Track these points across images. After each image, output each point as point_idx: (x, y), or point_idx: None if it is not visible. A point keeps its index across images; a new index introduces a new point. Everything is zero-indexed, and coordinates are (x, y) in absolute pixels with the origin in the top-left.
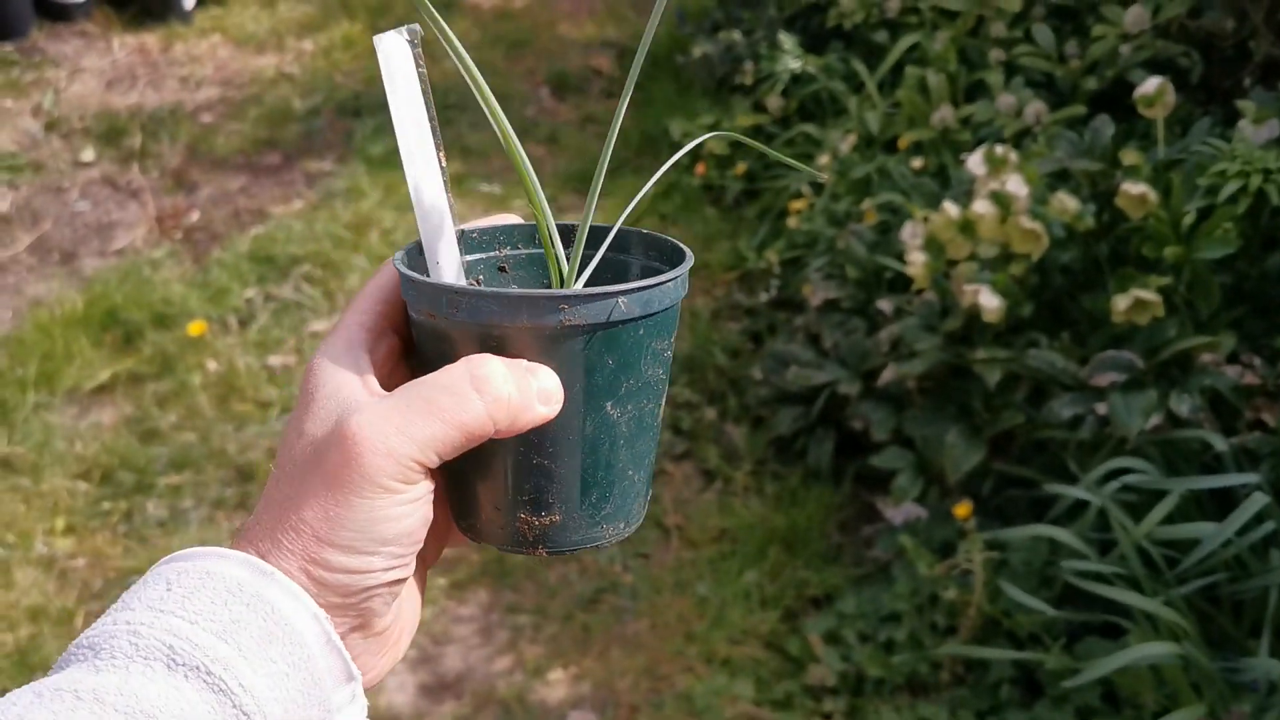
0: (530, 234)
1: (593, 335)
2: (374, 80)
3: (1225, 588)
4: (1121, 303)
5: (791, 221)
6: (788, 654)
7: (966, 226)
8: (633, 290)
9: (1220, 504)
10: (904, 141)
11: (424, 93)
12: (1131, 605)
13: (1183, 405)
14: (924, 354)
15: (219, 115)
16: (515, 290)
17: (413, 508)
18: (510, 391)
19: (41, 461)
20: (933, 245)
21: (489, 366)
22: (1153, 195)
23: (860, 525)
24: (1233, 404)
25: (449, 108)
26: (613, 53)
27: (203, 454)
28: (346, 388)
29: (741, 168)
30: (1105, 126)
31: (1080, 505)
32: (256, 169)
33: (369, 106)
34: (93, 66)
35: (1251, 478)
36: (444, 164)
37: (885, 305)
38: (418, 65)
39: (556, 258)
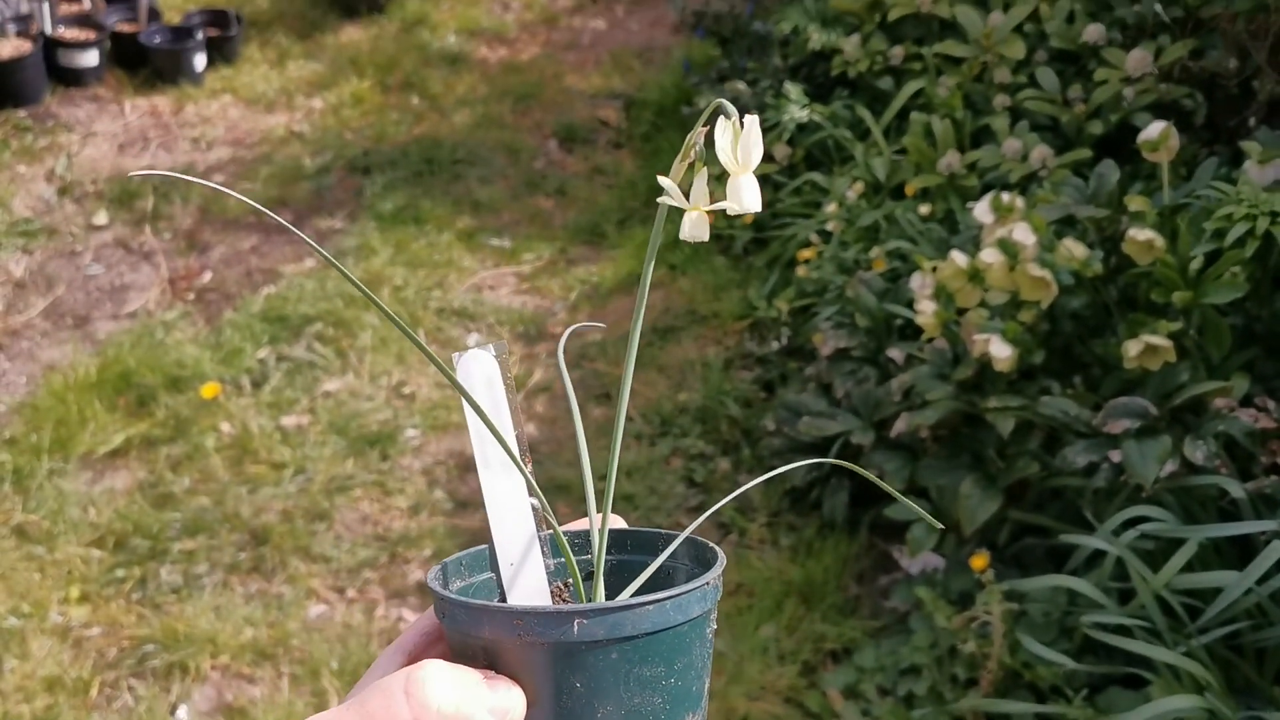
0: (618, 539)
1: (555, 655)
2: (383, 137)
3: (1248, 636)
4: (1132, 348)
5: (801, 270)
6: (807, 709)
7: (975, 275)
8: (595, 612)
9: (1240, 551)
10: (911, 188)
11: (511, 408)
12: (1153, 656)
13: (1197, 451)
14: (936, 403)
15: (230, 175)
16: (479, 602)
17: None
18: (443, 702)
19: (56, 529)
20: (942, 294)
21: (425, 671)
22: (1159, 240)
23: (877, 575)
24: (1248, 449)
25: (457, 163)
26: (619, 104)
27: (216, 518)
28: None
29: (750, 216)
30: (1110, 172)
31: (1098, 554)
32: (268, 228)
33: (378, 163)
34: (105, 130)
35: (1270, 524)
36: (530, 476)
37: (896, 354)
38: (504, 379)
39: (595, 560)
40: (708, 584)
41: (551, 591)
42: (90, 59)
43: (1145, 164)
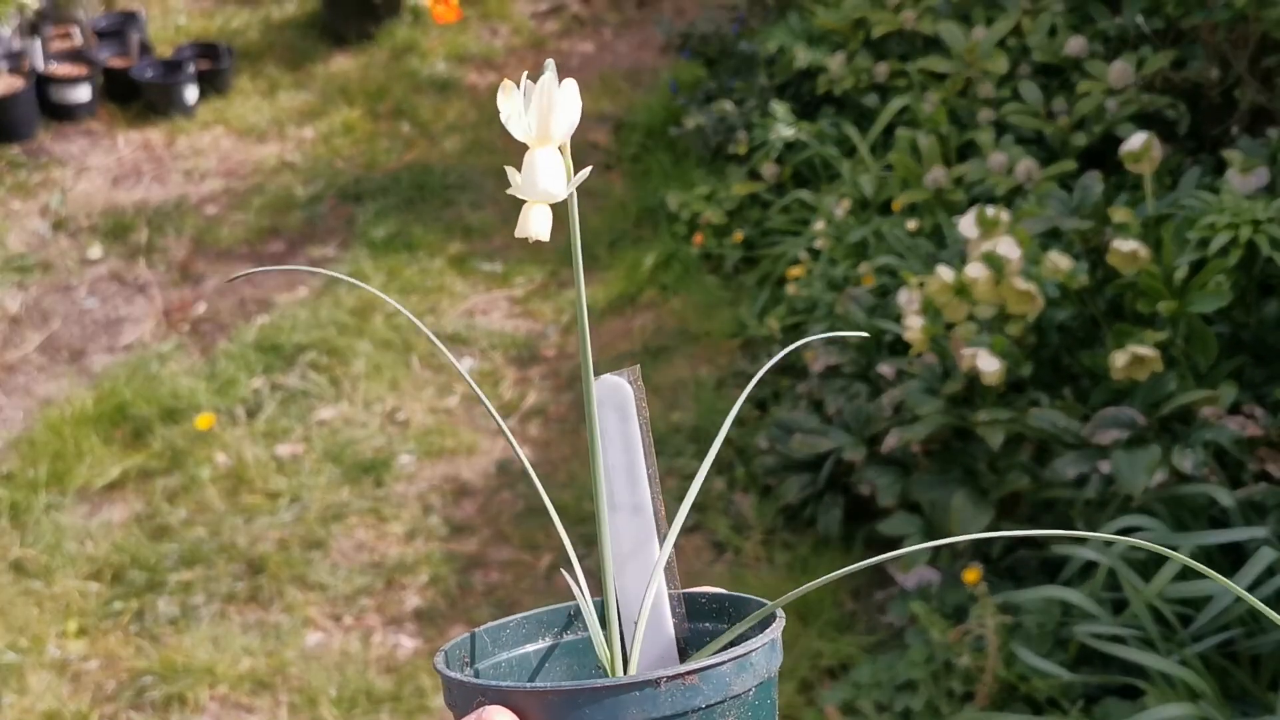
0: (718, 605)
1: None
2: (374, 164)
3: (1242, 643)
4: (1119, 359)
5: (791, 288)
6: None
7: (962, 290)
8: (549, 691)
9: (1230, 558)
10: (898, 204)
11: (644, 444)
12: (1147, 665)
13: (1186, 460)
14: (926, 418)
15: (223, 206)
16: (475, 680)
17: None
18: None
19: (53, 563)
20: (929, 309)
21: None
22: (1144, 251)
23: (873, 591)
24: (1236, 457)
25: (448, 188)
26: (608, 126)
27: (213, 548)
28: None
29: (739, 235)
30: (1094, 184)
31: (1091, 565)
32: (261, 258)
33: (369, 191)
34: (98, 164)
35: (1259, 531)
36: (662, 521)
37: (886, 369)
38: (639, 410)
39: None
40: (658, 683)
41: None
42: (82, 94)
43: (1129, 175)
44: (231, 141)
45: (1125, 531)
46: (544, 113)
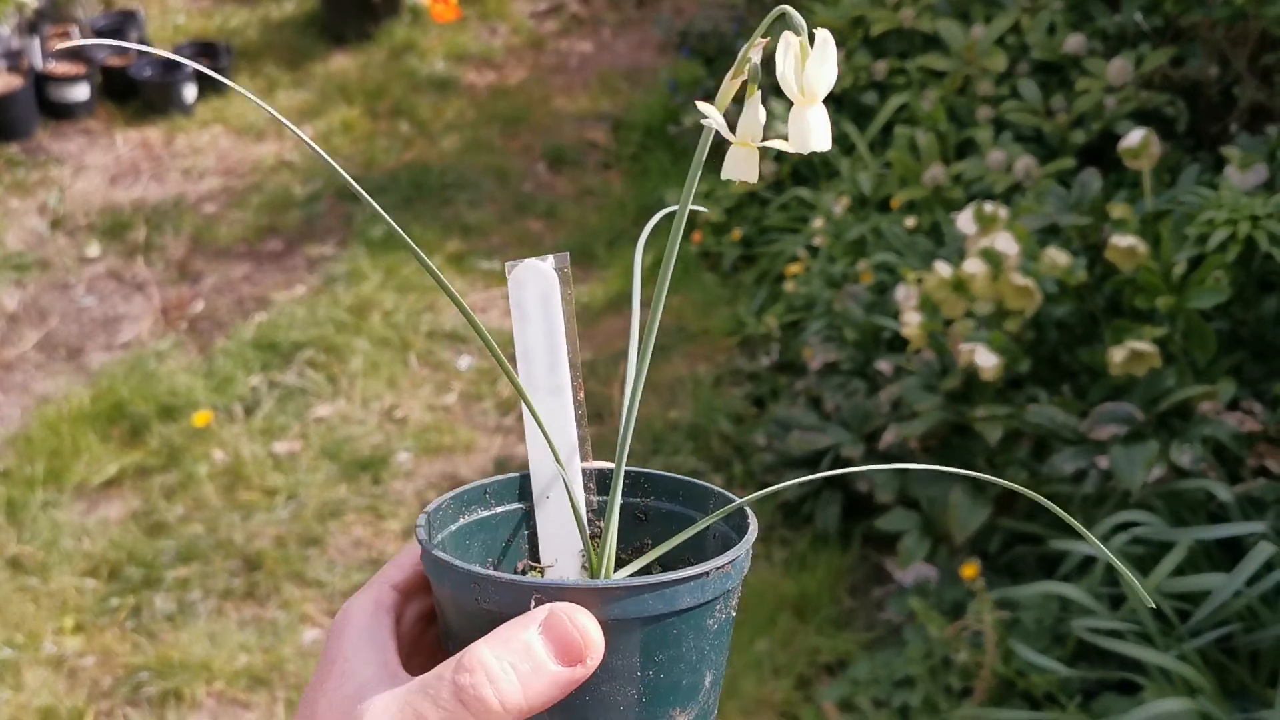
0: (670, 487)
1: None
2: (372, 163)
3: (1241, 638)
4: (1118, 355)
5: (789, 285)
6: None
7: (959, 285)
8: (554, 589)
9: (1229, 554)
10: (897, 201)
11: (566, 325)
12: (1146, 660)
13: (1184, 456)
14: (925, 414)
15: (221, 205)
16: (445, 557)
17: None
18: (504, 689)
19: (50, 560)
20: (927, 305)
21: (476, 674)
22: (1142, 247)
23: (871, 588)
24: (1235, 452)
25: (447, 187)
26: (607, 125)
27: (210, 545)
28: (365, 668)
29: (737, 233)
30: (1092, 180)
31: (1089, 560)
32: (259, 256)
33: (367, 190)
34: (97, 163)
35: (1258, 526)
36: (580, 404)
37: (884, 366)
38: (563, 295)
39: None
40: (706, 574)
41: (592, 534)
42: (81, 93)
43: (1128, 172)
44: (230, 140)
45: (1123, 527)
46: (817, 73)
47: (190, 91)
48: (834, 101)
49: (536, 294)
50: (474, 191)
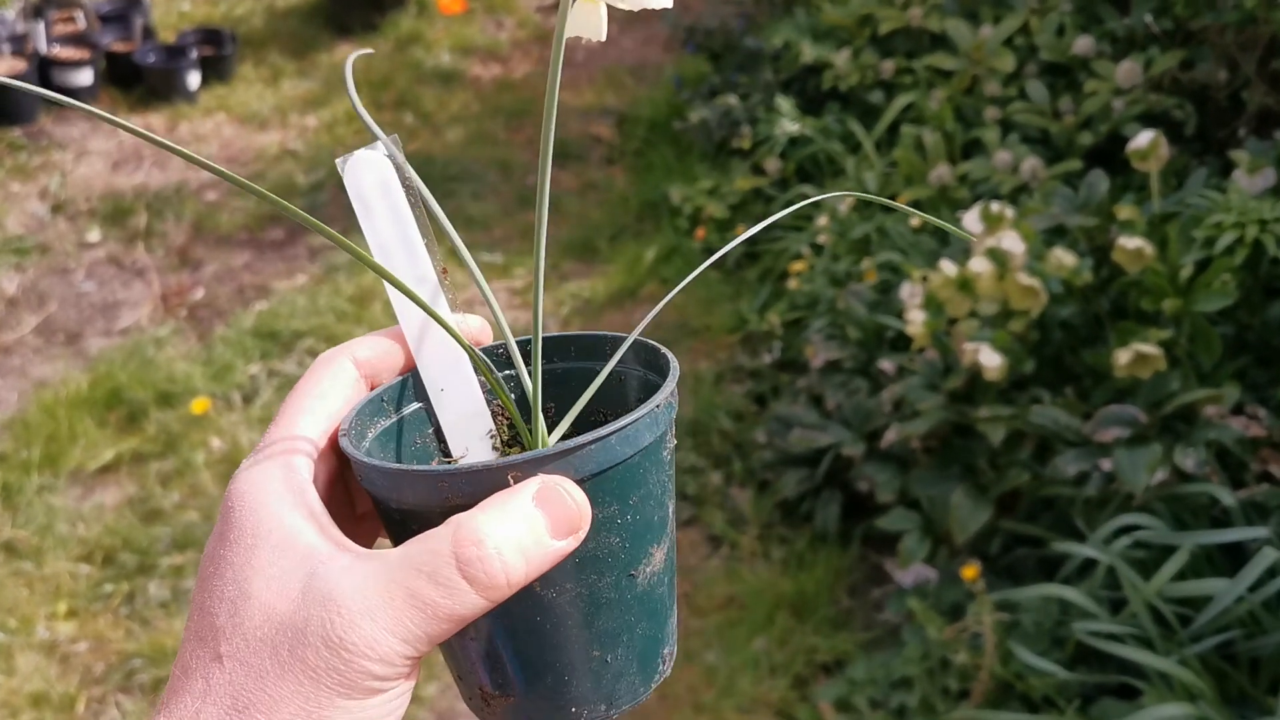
0: (559, 345)
1: None
2: None
3: (1242, 644)
4: (1123, 357)
5: (792, 283)
6: None
7: (965, 284)
8: (529, 463)
9: (1231, 559)
10: (902, 200)
11: (411, 206)
12: (1145, 665)
13: (1188, 459)
14: (927, 413)
15: (223, 193)
16: (395, 466)
17: (400, 702)
18: (509, 560)
19: (44, 545)
20: (932, 304)
21: (485, 546)
22: (1149, 249)
23: (869, 588)
24: (1239, 457)
25: (450, 179)
26: (612, 120)
27: (205, 533)
28: (302, 537)
29: (742, 230)
30: (1100, 181)
31: (1090, 563)
32: (260, 245)
33: None
34: (99, 149)
35: (1261, 532)
36: (449, 286)
37: (887, 365)
38: (404, 181)
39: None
40: (658, 407)
41: (492, 412)
42: (84, 78)
43: (1135, 175)
44: (233, 128)
45: (1126, 530)
46: None
47: (194, 79)
48: (840, 99)
49: (375, 182)
50: (477, 184)
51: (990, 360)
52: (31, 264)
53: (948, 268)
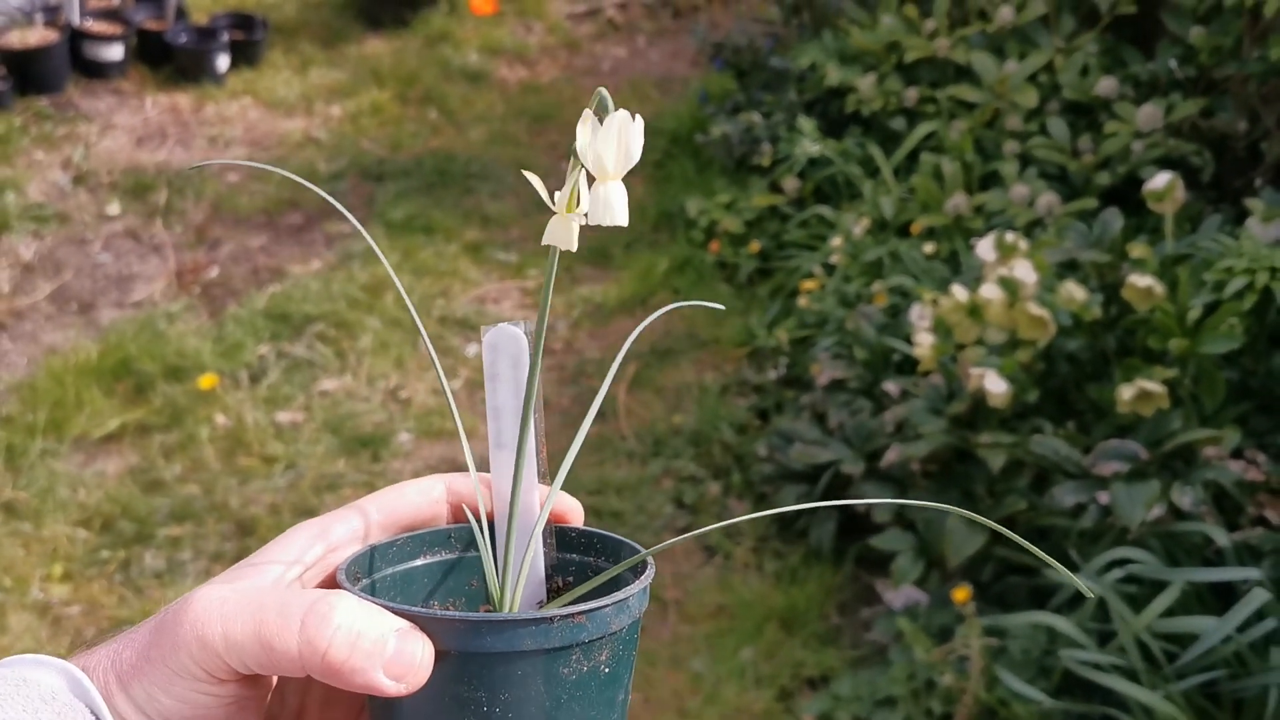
0: (586, 540)
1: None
2: (399, 147)
3: (1225, 684)
4: (1126, 393)
5: (803, 301)
6: None
7: (975, 310)
8: (420, 618)
9: (1221, 599)
10: (917, 226)
11: (531, 389)
12: (1130, 697)
13: (1185, 498)
14: (928, 436)
15: (244, 175)
16: (395, 606)
17: (213, 702)
18: (338, 640)
19: (44, 507)
20: (941, 328)
21: (333, 606)
22: (1159, 288)
23: (859, 607)
24: (1235, 499)
25: (470, 176)
26: None
27: (205, 506)
28: (273, 569)
29: (755, 246)
30: (1114, 219)
31: (1081, 594)
32: (278, 228)
33: (392, 173)
34: (124, 123)
35: (1253, 573)
36: (544, 462)
37: (891, 387)
38: (532, 359)
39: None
40: (551, 620)
41: (550, 588)
42: (115, 53)
43: (1150, 217)
44: (259, 113)
45: (1119, 563)
46: (620, 151)
47: (223, 61)
48: (863, 124)
49: (509, 357)
50: (497, 183)
51: (996, 387)
52: (50, 232)
53: (959, 292)
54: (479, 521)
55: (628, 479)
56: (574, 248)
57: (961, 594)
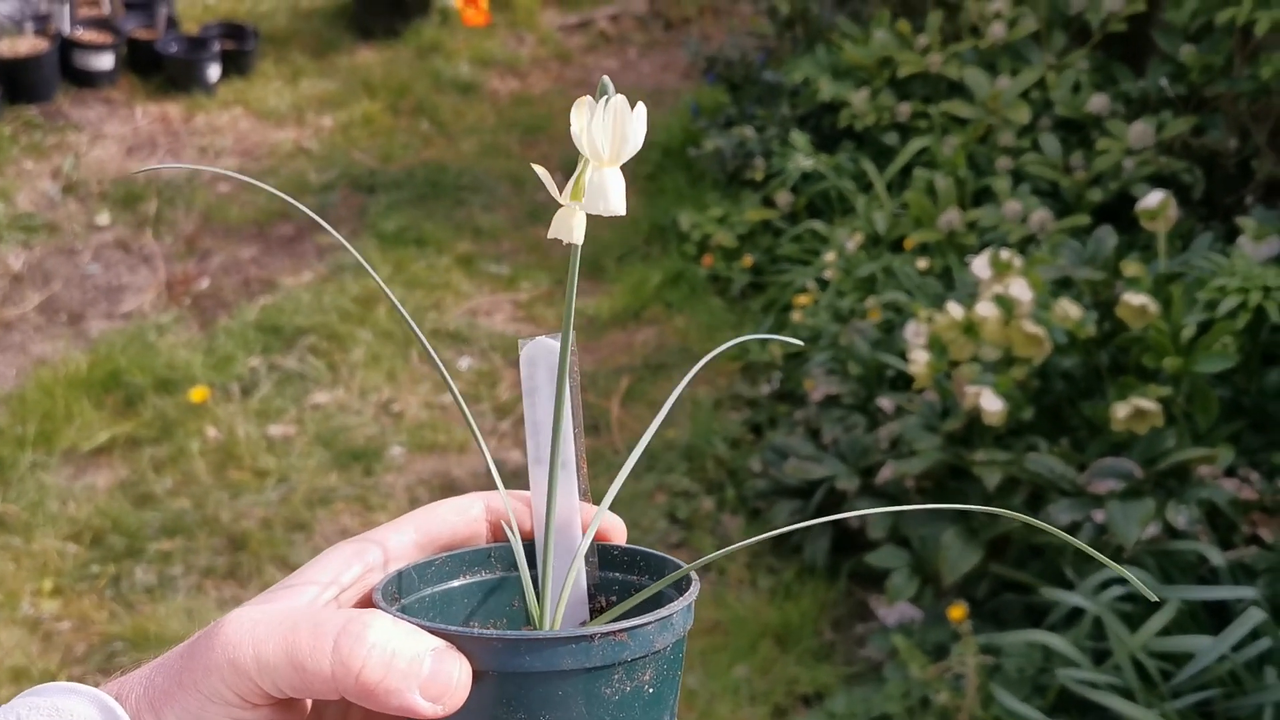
0: (627, 558)
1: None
2: (390, 158)
3: (1220, 704)
4: (1121, 411)
5: (796, 316)
6: None
7: (970, 328)
8: (455, 636)
9: (1216, 618)
10: (910, 242)
11: (561, 402)
12: (1126, 716)
13: (1180, 516)
14: (923, 453)
15: (235, 185)
16: (431, 625)
17: None
18: (373, 660)
19: (34, 521)
20: (935, 345)
21: (367, 625)
22: (1153, 306)
23: (854, 623)
24: (1230, 517)
25: (462, 189)
26: None
27: (196, 521)
28: (309, 590)
29: (748, 260)
30: (1108, 237)
31: (1076, 612)
32: (269, 240)
33: (383, 184)
34: (114, 133)
35: (1248, 591)
36: (584, 478)
37: (886, 403)
38: (570, 373)
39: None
40: (592, 638)
41: (593, 608)
42: (105, 62)
43: (1142, 234)
44: (250, 123)
45: (1113, 582)
46: (616, 135)
47: (214, 71)
48: (855, 139)
49: (546, 370)
50: (488, 195)
51: (991, 405)
52: (39, 242)
53: (954, 310)
54: (518, 539)
55: (620, 493)
56: (579, 240)
57: (957, 611)
